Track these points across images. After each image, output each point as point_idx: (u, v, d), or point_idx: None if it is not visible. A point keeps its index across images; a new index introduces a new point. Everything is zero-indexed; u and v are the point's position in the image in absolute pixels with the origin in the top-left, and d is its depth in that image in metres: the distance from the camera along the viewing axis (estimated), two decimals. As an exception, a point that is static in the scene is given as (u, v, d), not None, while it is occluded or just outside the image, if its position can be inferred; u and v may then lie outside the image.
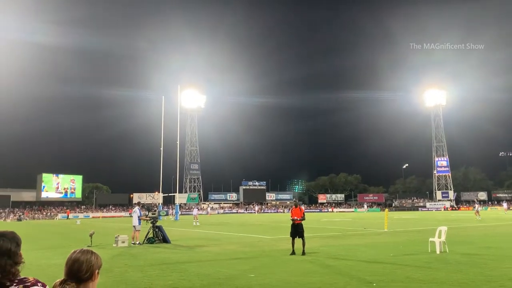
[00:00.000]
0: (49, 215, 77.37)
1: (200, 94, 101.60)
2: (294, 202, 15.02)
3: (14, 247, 2.30)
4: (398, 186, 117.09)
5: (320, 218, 50.67)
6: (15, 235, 2.39)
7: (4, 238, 2.33)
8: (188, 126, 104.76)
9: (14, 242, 2.31)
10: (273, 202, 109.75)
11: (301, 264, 11.54)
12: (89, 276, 2.24)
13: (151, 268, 11.35)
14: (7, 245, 2.29)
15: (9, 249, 2.27)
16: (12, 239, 2.32)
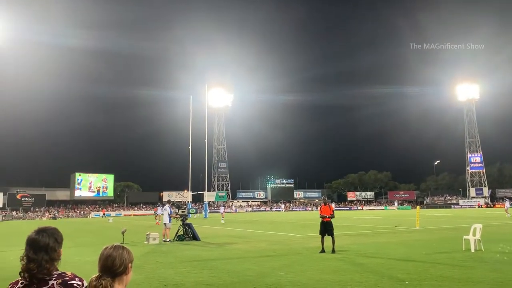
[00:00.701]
0: (82, 214, 79.56)
1: (227, 93, 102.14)
2: (323, 199, 14.91)
3: (52, 242, 2.36)
4: (430, 183, 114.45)
5: (350, 216, 50.15)
6: (55, 231, 2.45)
7: (43, 233, 2.40)
8: (215, 124, 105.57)
9: (52, 238, 2.38)
10: (302, 200, 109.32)
11: (331, 262, 11.46)
12: (123, 270, 2.30)
13: (182, 265, 11.52)
14: (45, 240, 2.35)
15: (47, 244, 2.34)
16: (51, 235, 2.39)
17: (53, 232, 2.44)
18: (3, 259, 13.56)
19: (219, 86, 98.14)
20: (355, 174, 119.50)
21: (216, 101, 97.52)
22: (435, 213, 53.28)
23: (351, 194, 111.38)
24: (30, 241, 2.37)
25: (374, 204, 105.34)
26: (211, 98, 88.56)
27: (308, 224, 31.60)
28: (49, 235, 2.39)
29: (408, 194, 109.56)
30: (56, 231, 2.46)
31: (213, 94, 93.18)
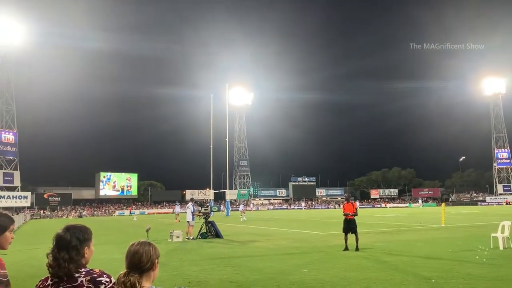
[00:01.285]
0: (107, 212, 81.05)
1: (248, 92, 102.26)
2: (346, 197, 14.77)
3: (74, 241, 2.37)
4: (455, 179, 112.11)
5: (373, 213, 49.62)
6: (80, 230, 2.45)
7: (68, 232, 2.41)
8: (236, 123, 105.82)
9: (75, 237, 2.38)
10: (324, 198, 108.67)
11: (355, 260, 11.36)
12: (150, 266, 2.32)
13: (205, 262, 11.61)
14: (68, 239, 2.37)
15: (68, 243, 2.35)
16: (73, 234, 2.40)
17: (78, 230, 2.44)
18: (32, 257, 13.93)
19: (240, 85, 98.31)
20: (378, 171, 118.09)
21: (236, 99, 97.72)
22: (461, 211, 52.19)
23: (374, 191, 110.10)
24: (56, 238, 2.40)
25: (397, 202, 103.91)
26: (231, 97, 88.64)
27: (330, 222, 31.41)
28: (72, 234, 2.40)
29: (432, 191, 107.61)
30: (81, 229, 2.46)
31: (233, 93, 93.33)
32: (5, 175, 72.69)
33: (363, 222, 27.41)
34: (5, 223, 2.72)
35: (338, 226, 23.09)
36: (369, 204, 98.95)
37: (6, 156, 73.24)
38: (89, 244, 2.46)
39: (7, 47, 72.41)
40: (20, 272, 10.16)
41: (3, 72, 73.88)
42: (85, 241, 2.44)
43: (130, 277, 2.22)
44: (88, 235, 2.48)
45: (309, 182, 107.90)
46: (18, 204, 71.38)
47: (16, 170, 74.23)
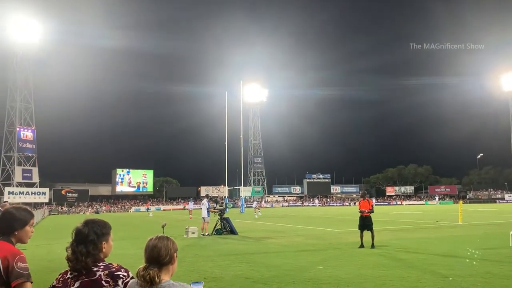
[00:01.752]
0: (123, 208, 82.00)
1: (262, 88, 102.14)
2: (362, 194, 14.66)
3: (92, 236, 2.41)
4: (473, 177, 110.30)
5: (389, 211, 49.21)
6: (98, 225, 2.48)
7: (86, 225, 2.46)
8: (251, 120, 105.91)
9: (92, 231, 2.42)
10: (339, 195, 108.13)
11: (370, 257, 11.28)
12: (168, 260, 2.34)
13: (220, 258, 11.66)
14: (86, 233, 2.41)
15: (86, 237, 2.39)
16: (91, 228, 2.43)
17: (97, 225, 2.48)
18: (50, 252, 14.17)
19: (254, 81, 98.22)
20: (394, 168, 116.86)
21: (251, 96, 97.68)
22: (478, 208, 51.41)
23: (390, 188, 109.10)
24: (75, 232, 2.44)
25: (413, 199, 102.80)
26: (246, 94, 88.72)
27: (346, 219, 31.26)
28: (90, 228, 2.44)
29: (449, 188, 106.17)
30: (99, 224, 2.50)
31: (248, 89, 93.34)
32: (24, 172, 74.12)
33: (379, 219, 27.20)
34: (25, 217, 2.78)
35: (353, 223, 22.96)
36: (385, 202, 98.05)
37: (25, 152, 74.63)
38: (107, 238, 2.50)
39: (26, 46, 73.71)
40: (39, 266, 10.34)
41: (22, 70, 75.22)
42: (103, 235, 2.47)
43: (149, 271, 2.24)
44: (107, 229, 2.51)
45: (324, 179, 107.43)
46: (37, 200, 72.75)
47: (34, 167, 75.61)
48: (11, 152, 74.17)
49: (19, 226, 2.73)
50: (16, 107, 74.68)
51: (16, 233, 2.72)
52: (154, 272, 2.24)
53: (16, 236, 2.73)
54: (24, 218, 2.76)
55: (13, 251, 2.59)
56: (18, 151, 73.68)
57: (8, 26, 70.58)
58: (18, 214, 2.75)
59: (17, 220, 2.73)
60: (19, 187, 72.88)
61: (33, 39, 72.70)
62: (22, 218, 2.75)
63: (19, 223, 2.73)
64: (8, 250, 2.57)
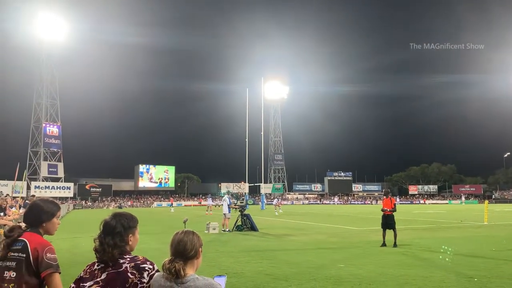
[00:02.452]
0: (146, 203, 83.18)
1: (283, 85, 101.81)
2: (385, 192, 14.48)
3: (119, 228, 2.46)
4: (499, 176, 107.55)
5: (412, 210, 48.51)
6: (125, 218, 2.53)
7: (114, 219, 2.51)
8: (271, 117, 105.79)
9: (119, 224, 2.47)
10: (360, 193, 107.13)
11: (393, 256, 11.14)
12: (194, 254, 2.39)
13: (241, 254, 11.70)
14: (113, 225, 2.46)
15: (113, 229, 2.45)
16: (119, 221, 2.49)
17: (124, 218, 2.53)
18: (75, 245, 14.47)
19: (275, 78, 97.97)
20: (417, 166, 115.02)
21: (272, 93, 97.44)
22: (505, 208, 50.17)
23: (413, 187, 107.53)
24: (103, 224, 2.50)
25: (437, 198, 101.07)
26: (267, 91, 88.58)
27: (367, 218, 30.97)
28: (118, 221, 2.49)
29: (474, 188, 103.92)
30: (126, 217, 2.55)
31: (269, 86, 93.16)
32: (50, 167, 75.98)
33: (402, 218, 26.85)
34: (52, 210, 2.85)
35: (375, 222, 22.72)
36: (408, 200, 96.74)
37: (50, 148, 76.46)
38: (134, 231, 2.54)
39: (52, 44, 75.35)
40: (64, 259, 10.58)
41: (48, 68, 77.00)
42: (130, 228, 2.52)
43: (175, 264, 2.29)
44: (133, 223, 2.56)
45: (345, 177, 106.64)
46: (62, 195, 74.44)
47: (60, 162, 77.43)
48: (38, 147, 76.02)
49: (46, 218, 2.80)
50: (42, 104, 76.49)
51: (44, 224, 2.79)
52: (179, 265, 2.28)
53: (44, 228, 2.80)
54: (51, 210, 2.83)
55: (42, 242, 2.66)
56: (44, 147, 75.49)
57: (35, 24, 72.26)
58: (45, 207, 2.82)
59: (44, 212, 2.80)
60: (45, 181, 74.69)
61: (59, 36, 74.22)
62: (49, 211, 2.82)
63: (46, 215, 2.80)
64: (37, 241, 2.64)
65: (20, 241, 2.62)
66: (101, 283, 2.33)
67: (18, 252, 2.59)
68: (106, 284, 2.32)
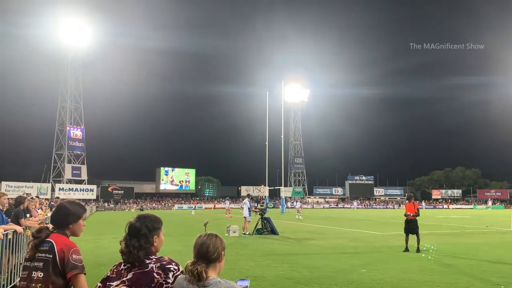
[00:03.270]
0: (166, 206, 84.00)
1: (303, 88, 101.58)
2: (408, 196, 14.26)
3: (144, 230, 2.50)
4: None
5: (435, 214, 47.65)
6: (150, 220, 2.56)
7: (139, 221, 2.55)
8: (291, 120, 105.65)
9: (144, 226, 2.51)
10: (382, 197, 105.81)
11: (416, 262, 10.95)
12: (216, 257, 2.40)
13: (262, 258, 11.69)
14: (138, 227, 2.50)
15: (138, 231, 2.49)
16: (143, 223, 2.52)
17: (148, 220, 2.56)
18: (99, 246, 14.70)
19: (295, 81, 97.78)
20: (441, 170, 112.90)
21: (292, 96, 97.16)
22: (533, 214, 48.73)
23: (436, 192, 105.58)
24: (128, 227, 2.55)
25: (461, 203, 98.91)
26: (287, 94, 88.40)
27: (389, 222, 30.55)
28: (143, 222, 2.53)
29: (500, 192, 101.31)
30: (151, 219, 2.58)
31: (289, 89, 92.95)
32: (74, 169, 77.60)
33: (425, 223, 26.39)
34: (79, 211, 2.91)
35: (397, 226, 22.40)
36: (431, 205, 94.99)
37: (74, 151, 78.11)
38: (158, 233, 2.58)
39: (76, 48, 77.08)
40: (88, 260, 10.73)
41: (72, 72, 78.79)
42: (154, 230, 2.56)
43: (197, 266, 2.31)
44: (158, 224, 2.60)
45: (367, 181, 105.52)
46: (85, 197, 75.81)
47: (83, 164, 78.99)
48: (62, 150, 77.79)
49: (73, 220, 2.86)
50: (67, 107, 78.28)
51: (71, 226, 2.86)
52: (201, 268, 2.30)
53: (71, 229, 2.86)
54: (77, 212, 2.89)
55: (68, 243, 2.73)
56: (68, 149, 77.19)
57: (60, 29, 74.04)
58: (72, 208, 2.89)
59: (71, 214, 2.86)
60: (68, 183, 76.26)
61: (83, 41, 75.89)
62: (75, 212, 2.88)
63: (73, 217, 2.87)
64: (63, 243, 2.71)
65: (47, 242, 2.69)
66: (127, 283, 2.37)
67: (45, 253, 2.65)
68: (132, 284, 2.36)
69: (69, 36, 74.28)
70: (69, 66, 78.46)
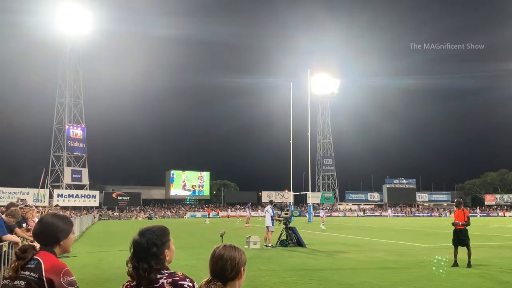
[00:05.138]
0: (178, 214, 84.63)
1: (333, 78, 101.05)
2: (457, 203, 14.03)
3: (152, 248, 2.48)
4: None
5: (488, 223, 46.81)
6: (156, 234, 2.54)
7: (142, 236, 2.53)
8: (319, 115, 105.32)
9: (151, 243, 2.49)
10: (426, 203, 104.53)
11: (467, 278, 10.79)
12: (235, 275, 2.36)
13: (287, 273, 11.67)
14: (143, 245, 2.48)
15: (146, 250, 2.47)
16: (150, 239, 2.50)
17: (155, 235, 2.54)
18: (102, 260, 14.92)
19: (324, 70, 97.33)
20: (495, 172, 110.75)
21: (320, 88, 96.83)
22: None
23: (490, 197, 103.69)
24: (133, 246, 2.53)
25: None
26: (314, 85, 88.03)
27: (435, 233, 30.19)
28: (149, 240, 2.50)
29: None
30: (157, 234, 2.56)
31: (316, 80, 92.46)
32: (74, 173, 78.61)
33: (477, 233, 25.96)
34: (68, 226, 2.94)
35: (444, 237, 22.08)
36: (483, 212, 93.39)
37: (74, 152, 79.16)
38: (168, 245, 2.58)
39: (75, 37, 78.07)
40: (89, 275, 10.92)
41: (71, 64, 79.96)
42: (163, 244, 2.54)
43: (211, 285, 2.26)
44: (166, 237, 2.59)
45: (408, 185, 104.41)
46: (87, 204, 76.96)
47: (84, 168, 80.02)
48: (60, 151, 78.95)
49: (63, 236, 2.87)
50: (65, 103, 79.51)
51: (62, 243, 2.86)
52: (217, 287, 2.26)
53: (62, 247, 2.87)
54: (67, 227, 2.92)
55: (57, 263, 2.70)
56: (68, 151, 78.27)
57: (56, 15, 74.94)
58: (61, 224, 2.88)
59: (60, 231, 2.86)
60: (68, 189, 77.38)
61: (83, 29, 76.69)
62: (65, 228, 2.90)
63: (63, 233, 2.87)
64: (52, 262, 2.68)
65: (33, 260, 2.67)
66: None
67: (30, 271, 2.62)
68: None
69: (67, 23, 75.13)
70: (68, 57, 79.64)
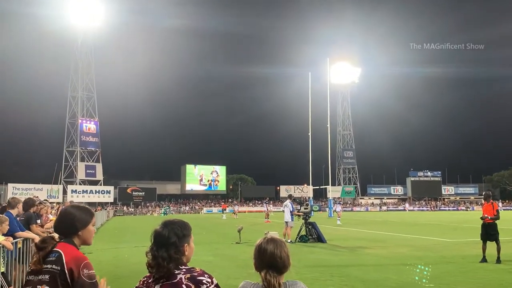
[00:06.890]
0: (194, 209, 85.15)
1: (353, 67, 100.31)
2: (485, 196, 13.87)
3: (173, 239, 2.55)
4: None
5: (518, 217, 46.14)
6: (178, 226, 2.62)
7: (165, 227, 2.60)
8: (339, 105, 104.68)
9: (173, 233, 2.56)
10: (452, 197, 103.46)
11: (496, 274, 10.68)
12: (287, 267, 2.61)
13: (307, 270, 11.68)
14: (165, 235, 2.55)
15: (167, 240, 2.54)
16: (172, 230, 2.57)
17: (177, 226, 2.62)
18: (118, 256, 15.12)
19: (344, 59, 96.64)
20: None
21: (340, 77, 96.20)
22: None
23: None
24: (154, 235, 2.60)
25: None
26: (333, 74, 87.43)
27: (462, 227, 29.92)
28: (171, 230, 2.58)
29: None
30: (179, 225, 2.64)
31: (336, 69, 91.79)
32: (87, 168, 79.46)
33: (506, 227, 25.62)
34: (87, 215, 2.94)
35: (472, 232, 21.87)
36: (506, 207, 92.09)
37: (88, 147, 80.00)
38: (189, 240, 2.63)
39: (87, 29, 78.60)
40: (105, 272, 11.05)
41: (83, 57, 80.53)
42: (184, 237, 2.61)
43: (268, 276, 2.50)
44: (187, 231, 2.65)
45: (433, 178, 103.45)
46: (101, 199, 77.79)
47: (98, 163, 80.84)
48: (74, 146, 79.86)
49: (81, 226, 2.88)
50: (78, 97, 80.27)
51: (80, 233, 2.87)
52: (275, 280, 2.50)
53: (80, 237, 2.88)
54: (85, 216, 2.93)
55: (77, 255, 2.74)
56: (81, 146, 79.16)
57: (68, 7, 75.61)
58: (78, 213, 2.91)
59: (78, 220, 2.88)
60: (82, 185, 78.31)
61: (94, 21, 77.19)
62: (83, 217, 2.91)
63: (81, 223, 2.88)
64: (72, 254, 2.73)
65: (54, 252, 2.72)
66: None
67: (52, 264, 2.67)
68: None
69: (79, 15, 75.76)
70: (80, 50, 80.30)
